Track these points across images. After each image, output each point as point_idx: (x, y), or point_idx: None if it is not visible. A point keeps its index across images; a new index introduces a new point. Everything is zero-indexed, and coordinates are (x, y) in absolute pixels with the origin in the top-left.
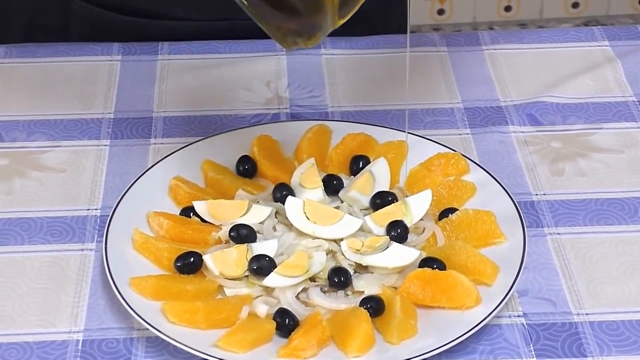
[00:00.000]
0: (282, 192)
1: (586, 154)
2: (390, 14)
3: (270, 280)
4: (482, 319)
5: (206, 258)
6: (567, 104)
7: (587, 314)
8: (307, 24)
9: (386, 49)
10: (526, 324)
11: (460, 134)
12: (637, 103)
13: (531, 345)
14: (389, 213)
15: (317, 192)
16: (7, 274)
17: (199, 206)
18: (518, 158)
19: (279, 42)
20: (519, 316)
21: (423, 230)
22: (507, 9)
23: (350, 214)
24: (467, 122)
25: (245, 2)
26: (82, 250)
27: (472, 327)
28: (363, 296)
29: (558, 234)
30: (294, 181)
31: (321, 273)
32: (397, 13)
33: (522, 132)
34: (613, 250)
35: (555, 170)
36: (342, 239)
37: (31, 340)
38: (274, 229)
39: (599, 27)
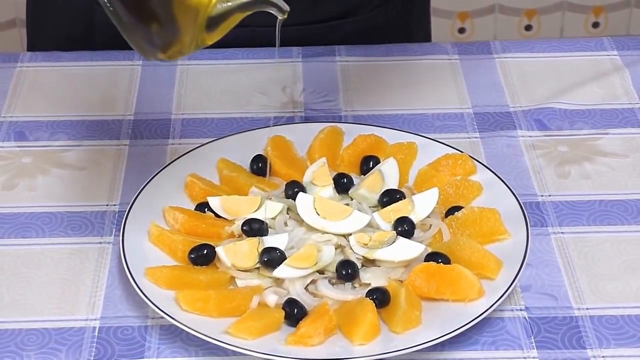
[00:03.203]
0: (294, 189)
1: (592, 158)
2: (411, 30)
3: (280, 271)
4: (484, 310)
5: (219, 250)
6: (575, 110)
7: (587, 309)
8: (166, 39)
9: (399, 57)
10: (528, 317)
11: (469, 138)
12: None
13: (532, 337)
14: (397, 210)
15: (327, 190)
16: (28, 265)
17: (213, 202)
18: (525, 161)
19: (140, 52)
20: (521, 310)
21: (430, 227)
22: (528, 28)
23: (359, 211)
24: (476, 127)
25: (111, 9)
26: (101, 243)
27: (474, 318)
28: (369, 288)
29: (562, 233)
30: (305, 179)
31: (330, 266)
32: (418, 30)
33: (529, 136)
34: (615, 249)
35: (561, 172)
36: (350, 234)
37: (50, 327)
38: (285, 224)
39: (609, 37)
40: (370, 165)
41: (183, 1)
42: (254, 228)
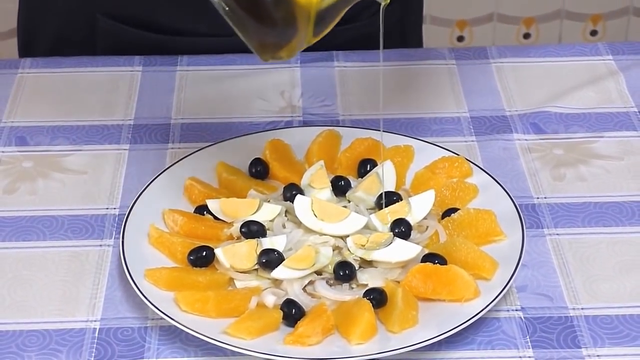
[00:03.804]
0: (292, 191)
1: (587, 161)
2: (406, 37)
3: (279, 272)
4: (480, 310)
5: (218, 252)
6: (570, 114)
7: (582, 309)
8: (283, 38)
9: (397, 62)
10: (524, 317)
11: (466, 141)
12: (638, 113)
13: (528, 336)
14: (394, 212)
15: (325, 192)
16: (29, 268)
17: (212, 204)
18: (521, 164)
19: (257, 53)
20: (517, 310)
21: (426, 229)
22: (526, 36)
23: (357, 213)
24: (472, 130)
25: (227, 9)
26: (101, 246)
27: (470, 318)
28: (367, 288)
29: (557, 234)
30: (303, 182)
31: (327, 267)
32: (413, 37)
33: (525, 139)
34: (610, 250)
35: (556, 175)
36: (348, 236)
37: (50, 328)
38: (284, 226)
39: (604, 42)
40: (368, 168)
41: (296, 1)
42: (253, 230)
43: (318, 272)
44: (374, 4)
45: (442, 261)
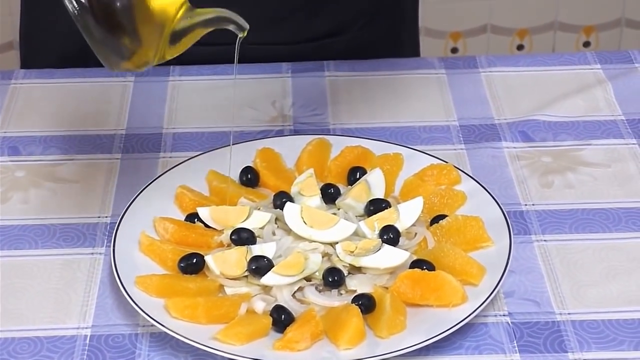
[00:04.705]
0: (282, 199)
1: (575, 168)
2: (401, 50)
3: (268, 279)
4: (467, 315)
5: (208, 259)
6: (559, 122)
7: (569, 314)
8: (133, 51)
9: (387, 71)
10: (511, 322)
11: (455, 149)
12: (625, 122)
13: (515, 341)
14: (382, 218)
15: (314, 200)
16: (21, 276)
17: (203, 212)
18: (509, 171)
19: (106, 63)
20: (504, 315)
21: (415, 235)
22: (520, 47)
23: (346, 220)
24: (462, 138)
25: (75, 11)
26: (92, 254)
27: (457, 323)
28: (355, 294)
29: (545, 240)
30: (293, 190)
31: (317, 273)
32: (408, 49)
33: (514, 147)
34: (597, 255)
35: (544, 182)
36: (337, 242)
37: (42, 335)
38: (274, 233)
39: (592, 51)
40: (357, 176)
41: (150, 16)
42: (243, 237)
43: (307, 279)
44: (360, 18)
45: (430, 267)
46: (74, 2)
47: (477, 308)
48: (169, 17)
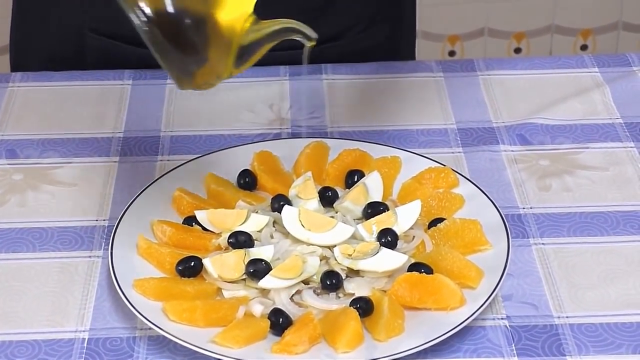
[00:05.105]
0: (280, 202)
1: (573, 171)
2: (399, 54)
3: (266, 282)
4: (465, 319)
5: (206, 262)
6: (556, 125)
7: (567, 317)
8: (201, 68)
9: (385, 75)
10: (509, 325)
11: (453, 152)
12: (623, 125)
13: (513, 345)
14: (380, 221)
15: (312, 203)
16: (19, 279)
17: (200, 215)
18: (507, 175)
19: (175, 80)
20: (502, 318)
21: (413, 238)
22: (517, 51)
23: (344, 223)
24: (459, 142)
25: (146, 29)
26: (90, 257)
27: (456, 326)
28: (353, 297)
29: (543, 244)
30: (291, 193)
31: (314, 276)
32: (405, 53)
33: (512, 151)
34: (595, 259)
35: (542, 186)
36: (335, 245)
37: (39, 339)
38: (271, 236)
39: (590, 55)
40: (355, 179)
41: (218, 31)
42: (240, 240)
43: (305, 282)
44: (359, 23)
45: (428, 270)
46: (140, 15)
47: (475, 311)
48: (236, 32)
